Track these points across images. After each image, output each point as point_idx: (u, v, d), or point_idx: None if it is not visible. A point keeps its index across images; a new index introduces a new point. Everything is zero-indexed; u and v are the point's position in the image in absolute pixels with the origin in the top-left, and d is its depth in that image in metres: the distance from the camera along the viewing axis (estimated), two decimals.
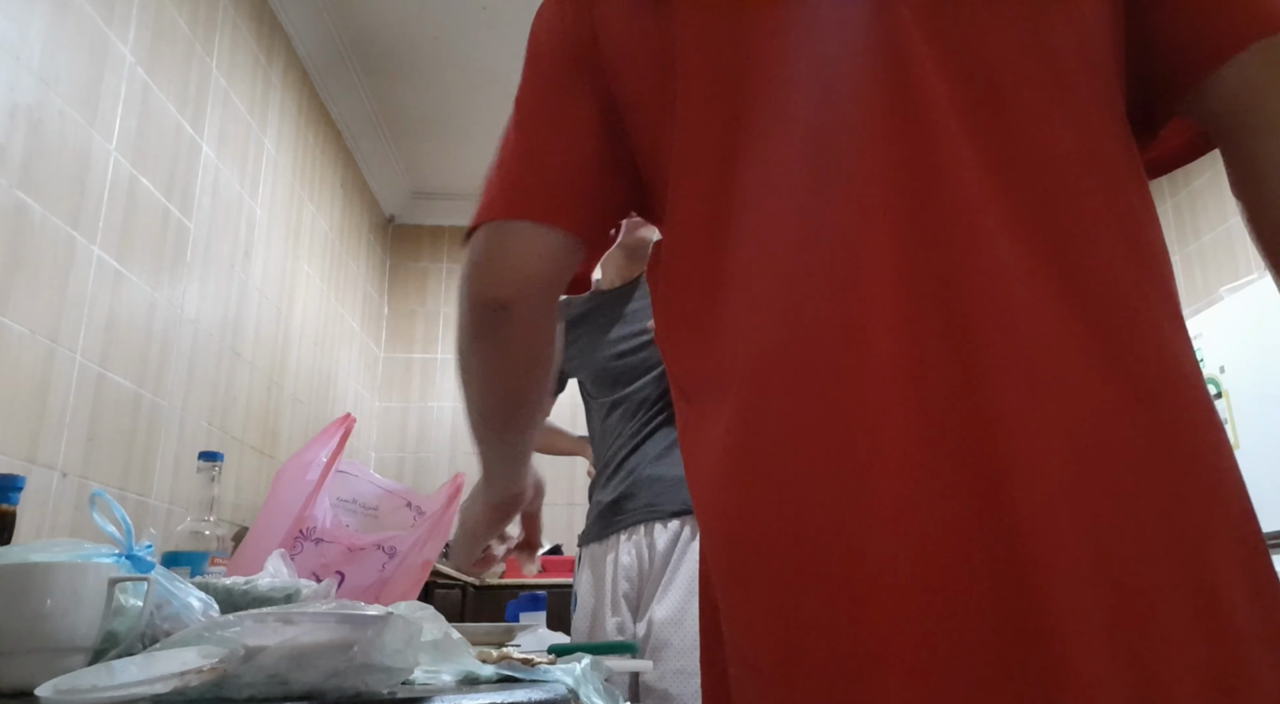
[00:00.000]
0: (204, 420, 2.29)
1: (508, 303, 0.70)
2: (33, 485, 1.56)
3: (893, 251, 0.55)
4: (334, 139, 3.42)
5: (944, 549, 0.49)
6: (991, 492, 0.49)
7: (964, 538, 0.49)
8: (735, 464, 0.56)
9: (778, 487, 0.53)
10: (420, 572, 1.65)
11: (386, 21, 3.08)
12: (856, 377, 0.53)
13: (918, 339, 0.53)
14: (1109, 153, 0.58)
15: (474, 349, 0.76)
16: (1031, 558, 0.48)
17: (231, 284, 2.47)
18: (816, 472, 0.52)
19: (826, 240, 0.56)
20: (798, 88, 0.60)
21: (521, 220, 0.69)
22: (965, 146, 0.56)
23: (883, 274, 0.54)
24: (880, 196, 0.56)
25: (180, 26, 2.16)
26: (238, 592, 0.94)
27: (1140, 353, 0.53)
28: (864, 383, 0.53)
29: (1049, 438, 0.50)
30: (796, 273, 0.57)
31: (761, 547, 0.53)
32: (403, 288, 4.25)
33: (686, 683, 1.47)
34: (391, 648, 0.67)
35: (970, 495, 0.50)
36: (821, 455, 0.52)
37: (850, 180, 0.57)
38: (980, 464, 0.50)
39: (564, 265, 0.71)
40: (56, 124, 1.66)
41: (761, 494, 0.54)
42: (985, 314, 0.52)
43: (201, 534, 1.29)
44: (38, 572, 0.73)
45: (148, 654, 0.69)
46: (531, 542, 1.04)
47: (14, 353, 1.54)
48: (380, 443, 4.06)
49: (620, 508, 1.68)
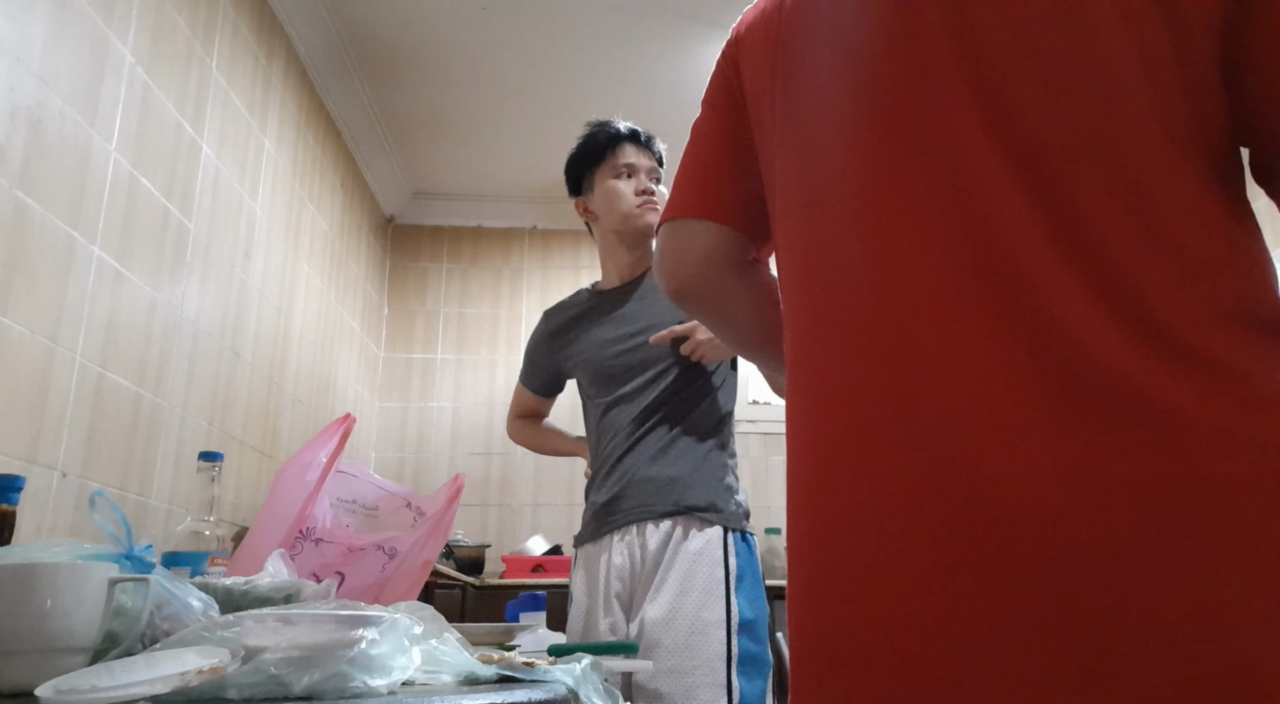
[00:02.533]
0: (204, 420, 2.29)
1: (680, 291, 0.89)
2: (33, 485, 1.56)
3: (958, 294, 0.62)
4: (334, 139, 3.42)
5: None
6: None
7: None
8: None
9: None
10: (420, 572, 1.65)
11: (386, 22, 3.08)
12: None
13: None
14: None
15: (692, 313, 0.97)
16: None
17: (231, 284, 2.47)
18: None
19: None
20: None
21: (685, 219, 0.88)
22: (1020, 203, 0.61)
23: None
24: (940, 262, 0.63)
25: (180, 26, 2.16)
26: (238, 592, 0.94)
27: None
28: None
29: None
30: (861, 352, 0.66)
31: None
32: (403, 288, 4.25)
33: (677, 682, 1.47)
34: (391, 648, 0.67)
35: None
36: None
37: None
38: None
39: (728, 250, 0.87)
40: (56, 124, 1.66)
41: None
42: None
43: (201, 534, 1.29)
44: (38, 572, 0.73)
45: (148, 654, 0.69)
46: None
47: (14, 353, 1.54)
48: (380, 443, 4.06)
49: (613, 508, 1.68)
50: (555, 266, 4.31)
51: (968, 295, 0.59)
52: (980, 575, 0.54)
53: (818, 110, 0.72)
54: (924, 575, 0.57)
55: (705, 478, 1.63)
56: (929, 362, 0.59)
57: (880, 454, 0.60)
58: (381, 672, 0.66)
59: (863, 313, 0.64)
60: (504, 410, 4.28)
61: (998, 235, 0.59)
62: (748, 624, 1.54)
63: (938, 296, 0.60)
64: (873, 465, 0.61)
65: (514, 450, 4.00)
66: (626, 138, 1.84)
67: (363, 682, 0.65)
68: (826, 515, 0.64)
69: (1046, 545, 0.53)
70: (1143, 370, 0.54)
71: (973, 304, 0.59)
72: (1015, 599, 0.53)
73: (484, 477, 3.99)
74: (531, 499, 3.98)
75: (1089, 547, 0.52)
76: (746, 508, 1.67)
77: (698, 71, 3.31)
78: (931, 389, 0.59)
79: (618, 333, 1.80)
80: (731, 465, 1.70)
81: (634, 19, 3.04)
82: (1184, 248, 0.57)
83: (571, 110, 3.27)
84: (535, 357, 2.01)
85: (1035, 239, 0.58)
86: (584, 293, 1.95)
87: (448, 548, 3.43)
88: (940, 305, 0.60)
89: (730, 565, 1.56)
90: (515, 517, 3.96)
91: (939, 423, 0.58)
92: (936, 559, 0.56)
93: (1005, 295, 0.58)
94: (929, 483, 0.57)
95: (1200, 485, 0.51)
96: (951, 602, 0.55)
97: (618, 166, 1.82)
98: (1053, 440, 0.54)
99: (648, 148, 1.85)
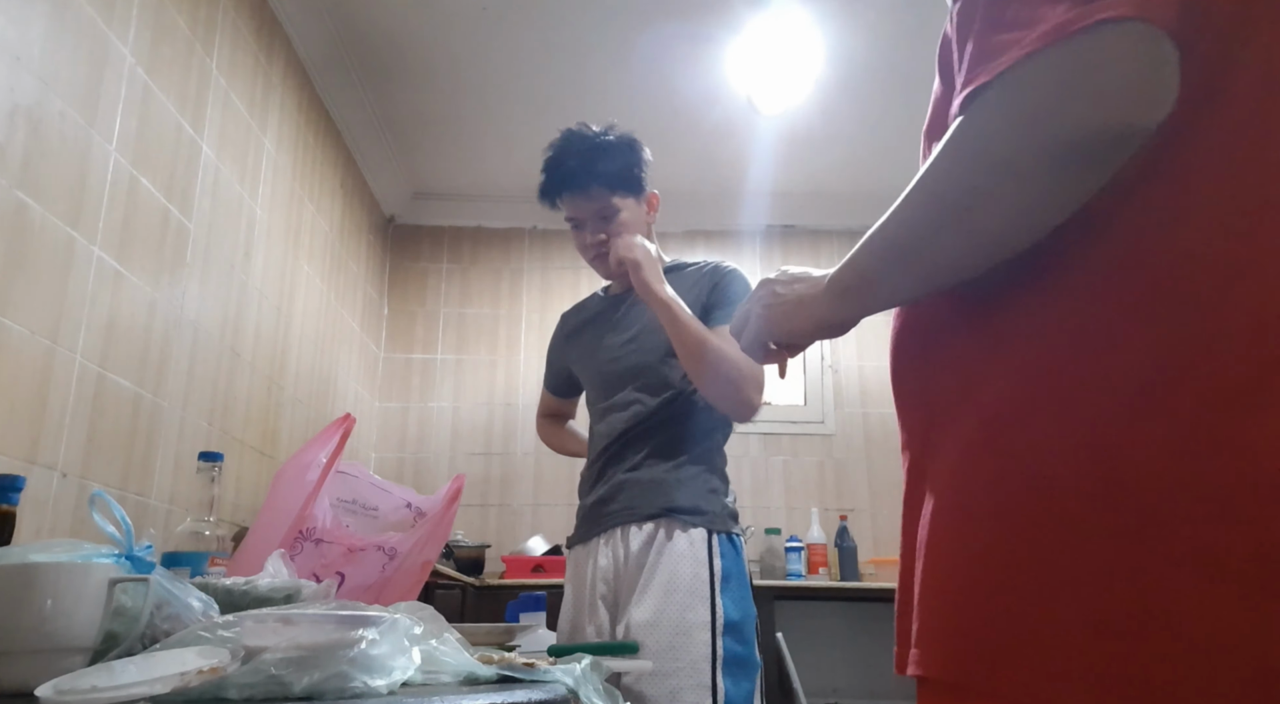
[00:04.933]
0: (204, 420, 2.29)
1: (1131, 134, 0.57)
2: (33, 485, 1.56)
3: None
4: (334, 139, 3.42)
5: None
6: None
7: None
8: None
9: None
10: (420, 572, 1.65)
11: (387, 22, 3.08)
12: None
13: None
14: None
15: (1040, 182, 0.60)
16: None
17: (231, 284, 2.47)
18: None
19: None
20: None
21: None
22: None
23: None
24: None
25: (180, 27, 2.16)
26: (238, 592, 0.94)
27: None
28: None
29: None
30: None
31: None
32: (403, 288, 4.25)
33: (661, 684, 1.47)
34: (391, 648, 0.67)
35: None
36: None
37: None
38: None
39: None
40: (56, 124, 1.66)
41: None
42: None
43: (201, 534, 1.29)
44: (38, 572, 0.73)
45: (148, 654, 0.69)
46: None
47: (14, 353, 1.54)
48: (380, 443, 4.06)
49: (600, 511, 1.69)
50: (555, 267, 4.31)
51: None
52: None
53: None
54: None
55: (691, 481, 1.63)
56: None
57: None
58: (381, 672, 0.66)
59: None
60: (504, 410, 4.30)
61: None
62: (733, 625, 1.54)
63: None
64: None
65: (514, 450, 4.00)
66: (562, 189, 1.73)
67: (363, 682, 0.65)
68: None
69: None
70: None
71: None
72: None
73: (484, 477, 3.99)
74: (531, 499, 3.98)
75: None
76: (734, 509, 1.67)
77: (697, 71, 3.31)
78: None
79: (614, 340, 1.80)
80: (720, 465, 1.70)
81: (633, 20, 3.04)
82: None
83: (571, 111, 3.27)
84: (551, 358, 2.04)
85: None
86: (596, 297, 1.95)
87: (448, 548, 3.43)
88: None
89: (715, 567, 1.56)
90: (515, 517, 3.96)
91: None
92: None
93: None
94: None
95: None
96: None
97: (568, 217, 1.77)
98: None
99: (585, 191, 1.71)
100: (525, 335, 4.19)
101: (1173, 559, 0.55)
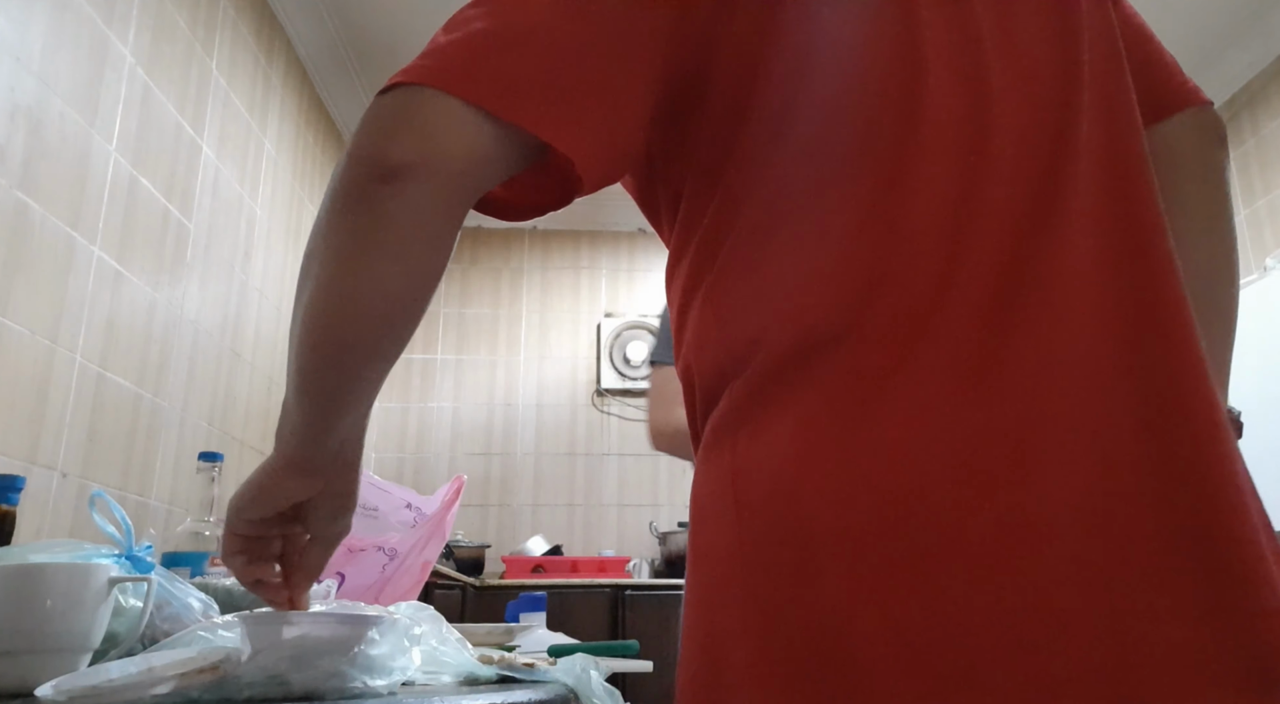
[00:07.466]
0: (204, 421, 2.29)
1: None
2: (33, 485, 1.56)
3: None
4: (334, 139, 3.42)
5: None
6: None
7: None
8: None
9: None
10: (420, 572, 1.65)
11: (387, 22, 3.08)
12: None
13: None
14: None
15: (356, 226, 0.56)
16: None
17: (231, 284, 2.47)
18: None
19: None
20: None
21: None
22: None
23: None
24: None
25: (180, 26, 2.16)
26: (238, 592, 0.94)
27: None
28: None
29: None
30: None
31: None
32: None
33: None
34: (391, 648, 0.67)
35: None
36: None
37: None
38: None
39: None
40: (56, 124, 1.66)
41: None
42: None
43: (201, 535, 1.29)
44: (38, 572, 0.72)
45: (148, 654, 0.69)
46: (311, 564, 0.66)
47: (14, 353, 1.54)
48: (380, 443, 4.06)
49: None
50: (555, 267, 4.31)
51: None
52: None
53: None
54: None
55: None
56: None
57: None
58: (381, 672, 0.66)
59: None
60: (504, 410, 4.29)
61: None
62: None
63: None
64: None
65: (514, 450, 4.00)
66: None
67: (363, 682, 0.65)
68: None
69: None
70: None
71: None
72: None
73: (484, 477, 3.99)
74: (531, 499, 3.98)
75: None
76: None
77: None
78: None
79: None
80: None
81: None
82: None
83: None
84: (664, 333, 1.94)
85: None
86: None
87: (448, 548, 3.43)
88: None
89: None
90: (515, 517, 3.96)
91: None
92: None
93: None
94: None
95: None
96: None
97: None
98: None
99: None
100: (525, 335, 4.19)
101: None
